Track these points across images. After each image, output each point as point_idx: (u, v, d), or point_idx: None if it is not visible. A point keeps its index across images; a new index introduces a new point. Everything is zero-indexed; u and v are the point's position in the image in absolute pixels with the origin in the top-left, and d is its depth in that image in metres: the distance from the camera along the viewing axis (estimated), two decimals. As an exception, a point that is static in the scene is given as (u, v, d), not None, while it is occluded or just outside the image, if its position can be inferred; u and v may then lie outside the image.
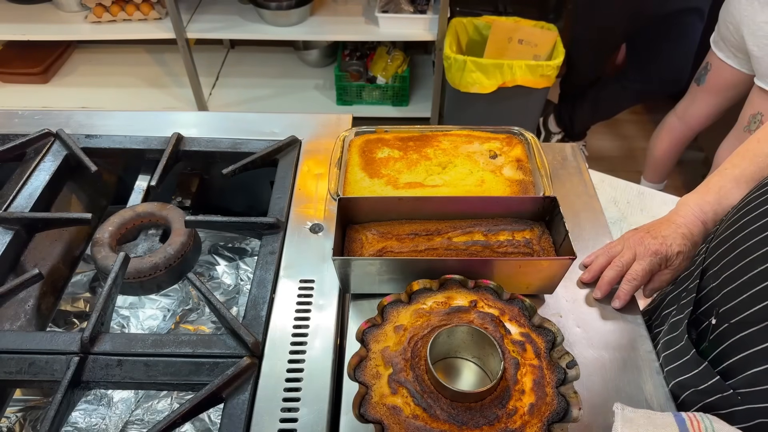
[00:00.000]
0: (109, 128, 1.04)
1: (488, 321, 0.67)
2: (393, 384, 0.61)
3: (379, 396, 0.60)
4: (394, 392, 0.60)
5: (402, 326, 0.66)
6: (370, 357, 0.64)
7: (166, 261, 0.86)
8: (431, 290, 0.71)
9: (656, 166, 2.25)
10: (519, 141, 0.97)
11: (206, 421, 0.87)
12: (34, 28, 2.35)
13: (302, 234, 0.86)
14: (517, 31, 2.14)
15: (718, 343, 0.64)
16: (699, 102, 1.96)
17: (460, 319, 0.67)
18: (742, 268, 0.63)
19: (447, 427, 0.58)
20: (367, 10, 2.43)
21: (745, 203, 0.69)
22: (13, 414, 0.89)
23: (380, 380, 0.62)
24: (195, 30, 2.31)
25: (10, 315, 0.80)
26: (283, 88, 2.70)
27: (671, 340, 0.72)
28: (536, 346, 0.65)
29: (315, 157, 0.99)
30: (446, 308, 0.68)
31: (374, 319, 0.67)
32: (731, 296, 0.63)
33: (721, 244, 0.69)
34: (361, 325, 0.66)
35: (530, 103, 2.17)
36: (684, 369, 0.68)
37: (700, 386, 0.65)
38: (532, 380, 0.62)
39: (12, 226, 0.85)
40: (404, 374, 0.62)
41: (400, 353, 0.63)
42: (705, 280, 0.70)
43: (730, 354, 0.62)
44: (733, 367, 0.62)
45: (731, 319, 0.62)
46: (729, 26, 1.67)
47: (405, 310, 0.68)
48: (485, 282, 0.71)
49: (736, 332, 0.61)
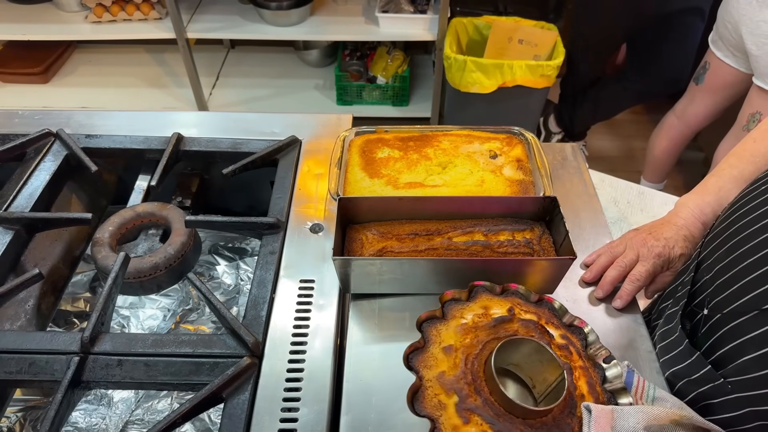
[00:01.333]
0: (109, 128, 1.04)
1: (532, 328, 0.64)
2: (463, 413, 0.57)
3: (450, 428, 0.56)
4: (467, 422, 0.56)
5: (451, 347, 0.62)
6: (426, 386, 0.59)
7: (166, 261, 0.86)
8: (461, 300, 0.67)
9: (656, 166, 2.25)
10: (519, 141, 0.97)
11: (206, 421, 0.87)
12: (34, 28, 2.35)
13: (302, 234, 0.86)
14: (518, 31, 2.14)
15: (710, 333, 0.65)
16: (698, 101, 1.96)
17: (506, 330, 0.64)
18: (733, 260, 0.63)
19: None
20: (367, 10, 2.43)
21: (738, 198, 0.69)
22: (13, 414, 0.89)
23: (446, 411, 0.57)
24: (195, 30, 2.31)
25: (10, 315, 0.80)
26: (283, 88, 2.70)
27: (666, 332, 0.72)
28: (575, 347, 0.64)
29: (315, 157, 0.99)
30: (489, 321, 0.64)
31: (417, 342, 0.62)
32: (723, 287, 0.64)
33: (714, 237, 0.70)
34: (405, 351, 0.62)
35: (530, 103, 2.17)
36: (678, 359, 0.69)
37: (692, 376, 0.66)
38: (585, 383, 0.61)
39: (12, 226, 0.85)
40: (472, 400, 0.57)
41: (460, 378, 0.59)
42: (699, 273, 0.71)
43: (722, 344, 0.63)
44: (725, 357, 0.62)
45: (723, 309, 0.63)
46: (727, 25, 1.67)
47: (445, 328, 0.64)
48: (512, 286, 0.69)
49: (728, 322, 0.62)
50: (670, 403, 0.63)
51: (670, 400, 0.63)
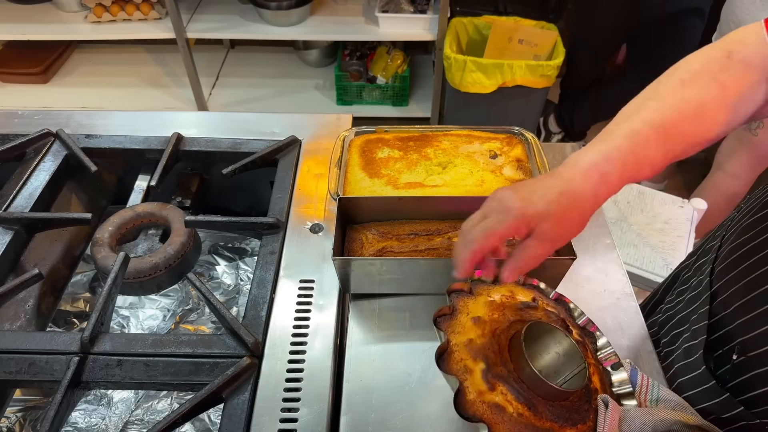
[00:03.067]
0: (109, 128, 1.04)
1: (554, 319, 0.64)
2: (489, 380, 0.56)
3: (475, 393, 0.56)
4: (492, 389, 0.56)
5: (480, 318, 0.62)
6: (453, 350, 0.59)
7: (166, 261, 0.86)
8: (487, 282, 0.67)
9: (656, 166, 2.25)
10: (519, 141, 0.97)
11: (206, 421, 0.87)
12: (34, 28, 2.35)
13: (302, 234, 0.86)
14: (518, 31, 2.14)
15: (739, 372, 0.63)
16: None
17: (531, 315, 0.64)
18: (756, 298, 0.61)
19: (549, 425, 0.55)
20: (367, 10, 2.43)
21: (747, 225, 0.67)
22: (13, 414, 0.89)
23: (473, 376, 0.57)
24: (195, 30, 2.31)
25: (10, 315, 0.80)
26: (283, 88, 2.70)
27: (688, 366, 0.70)
28: (588, 348, 0.64)
29: (315, 157, 0.99)
30: (517, 303, 0.65)
31: (445, 308, 0.63)
32: (748, 327, 0.62)
33: (727, 269, 0.67)
34: (435, 314, 0.62)
35: (530, 103, 2.17)
36: (704, 397, 0.66)
37: (723, 415, 0.64)
38: (599, 379, 0.61)
39: (12, 226, 0.85)
40: (499, 369, 0.57)
41: (488, 347, 0.59)
42: (715, 307, 0.68)
43: (755, 385, 0.60)
44: (758, 398, 0.60)
45: (752, 351, 0.61)
46: (731, 25, 1.67)
47: (473, 302, 0.64)
48: (534, 282, 0.69)
49: (760, 365, 0.60)
50: (674, 402, 0.62)
51: (674, 400, 0.63)
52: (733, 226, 0.74)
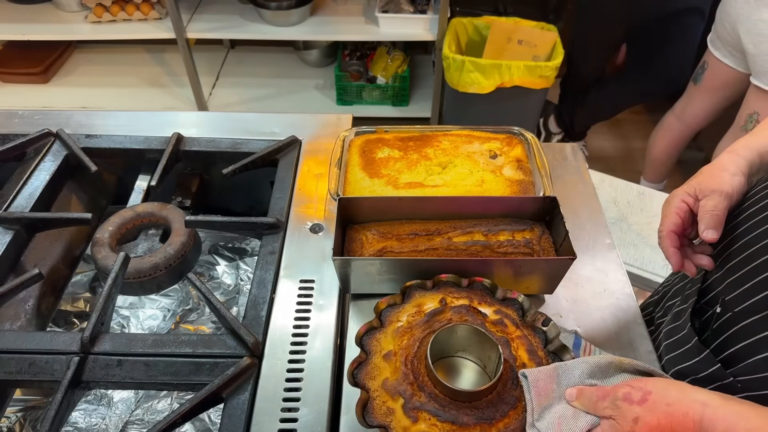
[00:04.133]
0: (109, 128, 1.04)
1: (464, 312, 0.67)
2: (410, 413, 0.59)
3: (402, 430, 0.58)
4: (416, 420, 0.58)
5: (391, 352, 0.64)
6: (373, 397, 0.61)
7: (166, 261, 0.86)
8: (397, 305, 0.69)
9: (656, 166, 2.25)
10: (519, 141, 0.97)
11: (206, 421, 0.87)
12: (34, 28, 2.35)
13: (302, 234, 0.86)
14: (517, 31, 2.14)
15: (721, 331, 0.64)
16: (696, 101, 1.96)
17: (439, 322, 0.66)
18: (746, 258, 0.63)
19: (479, 429, 0.57)
20: (367, 10, 2.43)
21: (749, 196, 0.68)
22: (13, 414, 0.89)
23: (395, 415, 0.59)
24: (195, 30, 2.31)
25: (10, 315, 0.80)
26: (283, 88, 2.70)
27: (674, 329, 0.72)
28: (512, 319, 0.67)
29: (315, 157, 0.99)
30: (422, 317, 0.67)
31: (358, 357, 0.64)
32: (735, 285, 0.63)
33: (725, 235, 0.68)
34: (349, 368, 0.63)
35: (529, 103, 2.17)
36: (685, 357, 0.68)
37: (700, 374, 0.65)
38: (525, 351, 0.64)
39: (12, 226, 0.85)
40: (417, 398, 0.60)
41: (402, 380, 0.61)
42: (708, 273, 0.70)
43: (733, 342, 0.62)
44: (735, 356, 0.62)
45: (735, 307, 0.63)
46: (725, 24, 1.67)
47: (384, 336, 0.66)
48: (443, 277, 0.71)
49: (739, 321, 0.62)
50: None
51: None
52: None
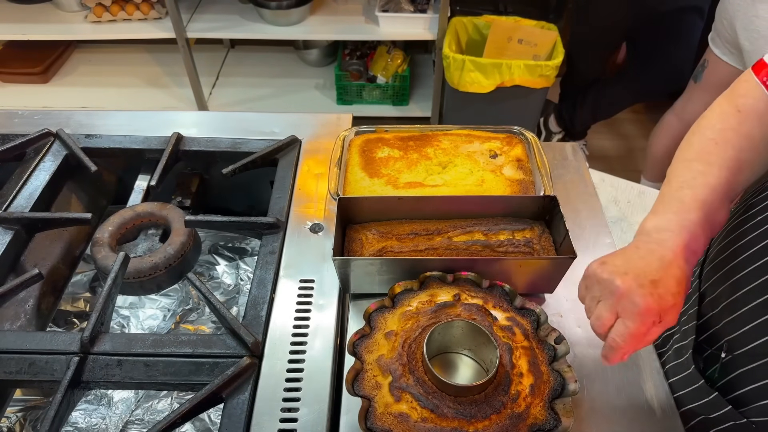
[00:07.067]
0: (109, 128, 1.03)
1: (474, 311, 0.67)
2: (395, 391, 0.61)
3: (383, 406, 0.60)
4: (398, 399, 0.60)
5: (393, 332, 0.66)
6: (366, 369, 0.63)
7: (166, 261, 0.86)
8: (413, 291, 0.71)
9: (656, 165, 2.25)
10: (519, 140, 0.97)
11: (206, 421, 0.87)
12: (34, 28, 2.35)
13: (302, 234, 0.86)
14: (517, 30, 2.14)
15: (726, 372, 0.64)
16: (696, 99, 1.96)
17: (447, 315, 0.67)
18: (741, 298, 0.62)
19: (457, 423, 0.58)
20: (367, 9, 2.43)
21: (732, 227, 0.68)
22: (13, 414, 0.89)
23: (381, 390, 0.61)
24: (195, 30, 2.31)
25: (10, 315, 0.80)
26: (283, 88, 2.70)
27: (678, 367, 0.71)
28: (523, 328, 0.67)
29: (315, 157, 0.99)
30: (432, 306, 0.68)
31: (362, 329, 0.67)
32: (734, 326, 0.63)
33: (715, 270, 0.68)
34: (351, 338, 0.66)
35: (529, 103, 2.17)
36: (694, 396, 0.67)
37: (711, 414, 0.65)
38: (527, 362, 0.63)
39: (12, 226, 0.85)
40: (405, 379, 0.61)
41: (396, 359, 0.63)
42: (703, 307, 0.70)
43: (741, 384, 0.62)
44: (744, 397, 0.61)
45: (737, 349, 0.62)
46: (724, 22, 1.67)
47: (392, 316, 0.68)
48: (464, 274, 0.72)
49: (745, 363, 0.61)
50: None
51: None
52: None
